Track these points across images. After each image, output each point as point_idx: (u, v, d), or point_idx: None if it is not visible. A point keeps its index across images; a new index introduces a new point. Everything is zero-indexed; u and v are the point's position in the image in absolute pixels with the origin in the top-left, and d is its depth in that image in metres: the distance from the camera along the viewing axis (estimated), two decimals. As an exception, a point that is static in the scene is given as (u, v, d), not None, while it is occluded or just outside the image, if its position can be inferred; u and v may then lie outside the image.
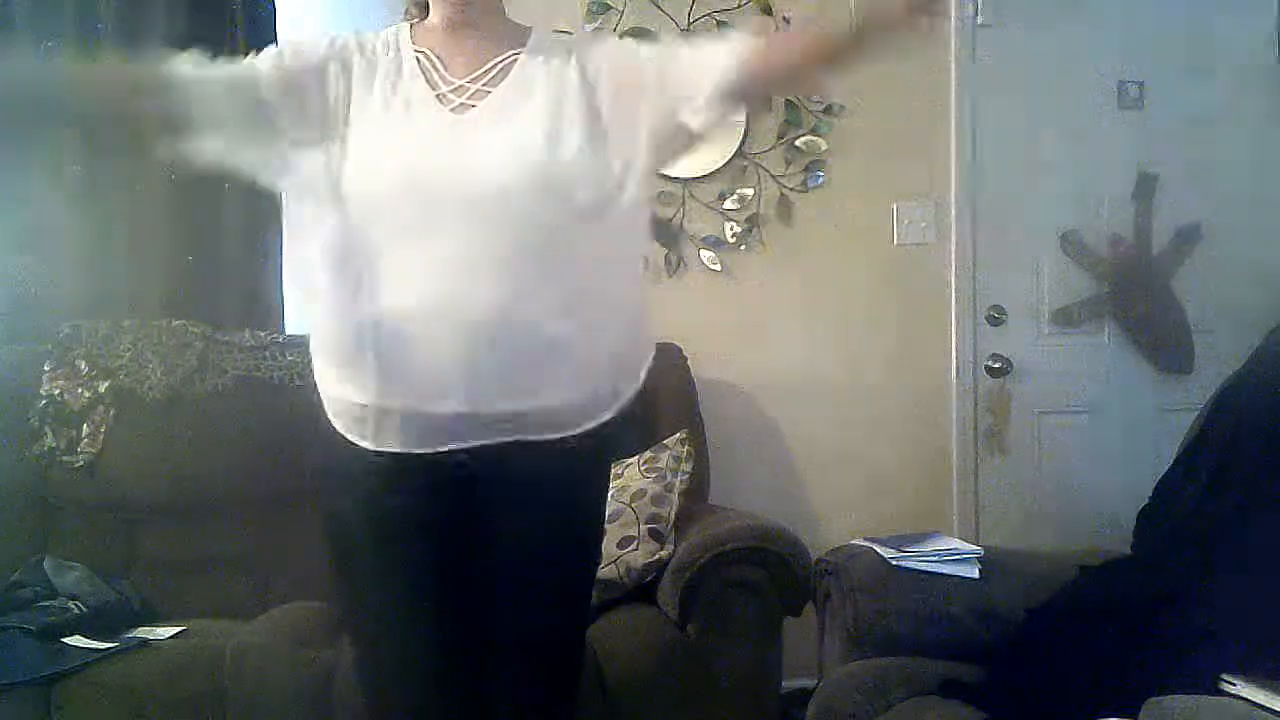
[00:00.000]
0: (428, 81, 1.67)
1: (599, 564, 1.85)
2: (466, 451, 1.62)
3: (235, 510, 2.78)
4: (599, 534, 1.84)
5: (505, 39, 1.72)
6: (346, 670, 2.08)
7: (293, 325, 3.03)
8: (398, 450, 1.63)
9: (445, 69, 1.68)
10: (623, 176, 1.67)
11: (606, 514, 1.85)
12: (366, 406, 1.63)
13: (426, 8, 1.74)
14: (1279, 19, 3.34)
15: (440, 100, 1.66)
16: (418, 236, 1.60)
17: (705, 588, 2.34)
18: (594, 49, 1.72)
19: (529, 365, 1.60)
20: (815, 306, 3.25)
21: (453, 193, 1.60)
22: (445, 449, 1.62)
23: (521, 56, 1.70)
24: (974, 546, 2.33)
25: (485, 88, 1.67)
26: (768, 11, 3.20)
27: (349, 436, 1.67)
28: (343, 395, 1.67)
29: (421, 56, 1.69)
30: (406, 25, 1.75)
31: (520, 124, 1.64)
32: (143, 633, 2.41)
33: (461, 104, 1.66)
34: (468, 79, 1.68)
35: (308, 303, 1.72)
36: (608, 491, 1.86)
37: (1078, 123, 3.30)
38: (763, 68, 1.63)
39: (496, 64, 1.69)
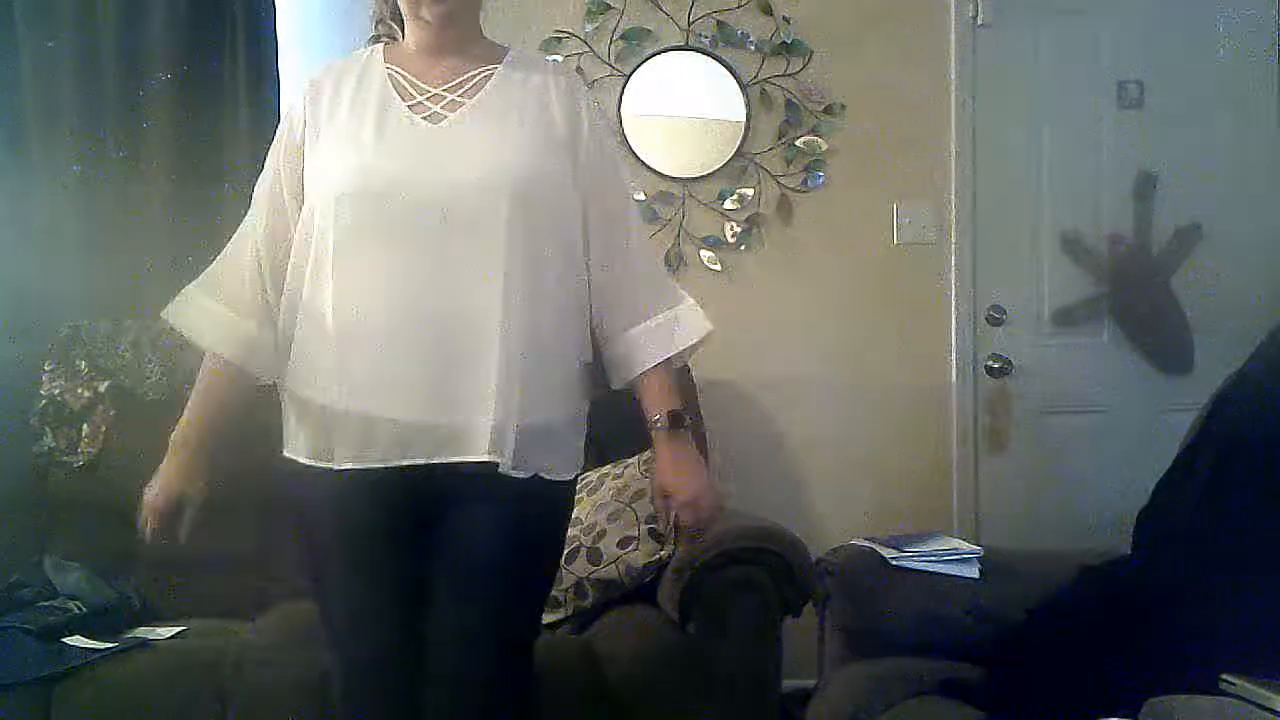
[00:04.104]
0: (400, 94, 1.67)
1: (544, 606, 1.85)
2: (426, 468, 1.60)
3: (235, 510, 2.77)
4: (550, 573, 1.81)
5: (481, 57, 1.72)
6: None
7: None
8: (357, 466, 1.61)
9: (419, 81, 1.68)
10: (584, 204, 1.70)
11: (604, 518, 1.83)
12: (331, 416, 1.62)
13: (396, 30, 1.73)
14: (1279, 18, 3.34)
15: (413, 109, 1.65)
16: (381, 242, 1.59)
17: (705, 588, 2.33)
18: (585, 120, 1.72)
19: (487, 377, 1.58)
20: (815, 306, 3.25)
21: (421, 199, 1.59)
22: (405, 463, 1.60)
23: (498, 71, 1.70)
24: (974, 546, 2.33)
25: (460, 98, 1.67)
26: (768, 11, 3.21)
27: (310, 462, 1.66)
28: (309, 409, 1.66)
29: (394, 72, 1.69)
30: (380, 46, 1.75)
31: (495, 134, 1.64)
32: (143, 633, 2.41)
33: (435, 113, 1.65)
34: (443, 88, 1.67)
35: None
36: (568, 523, 1.82)
37: (1078, 123, 3.30)
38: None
39: (472, 77, 1.69)
